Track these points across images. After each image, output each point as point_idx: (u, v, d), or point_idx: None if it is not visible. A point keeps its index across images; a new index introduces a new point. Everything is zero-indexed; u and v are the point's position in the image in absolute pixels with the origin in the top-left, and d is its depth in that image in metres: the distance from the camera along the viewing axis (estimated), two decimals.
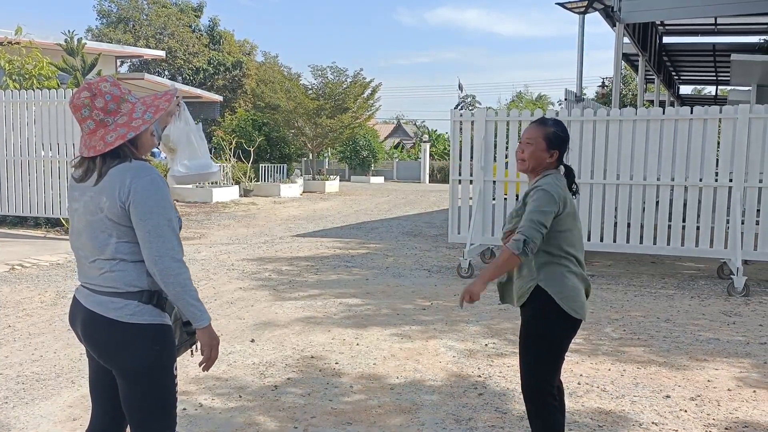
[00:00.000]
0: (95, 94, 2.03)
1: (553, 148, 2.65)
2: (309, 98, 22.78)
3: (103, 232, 2.02)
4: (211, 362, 2.14)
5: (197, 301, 2.05)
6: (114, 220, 2.00)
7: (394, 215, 14.79)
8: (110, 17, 34.93)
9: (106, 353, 2.07)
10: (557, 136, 2.66)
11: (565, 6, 10.59)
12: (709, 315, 5.75)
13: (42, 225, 10.40)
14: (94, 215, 2.03)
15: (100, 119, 2.03)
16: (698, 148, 7.23)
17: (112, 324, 2.03)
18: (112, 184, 1.99)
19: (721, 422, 3.43)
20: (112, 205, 1.98)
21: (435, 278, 7.36)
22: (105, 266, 2.04)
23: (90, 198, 2.03)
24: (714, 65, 19.31)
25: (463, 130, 8.13)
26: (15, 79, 10.87)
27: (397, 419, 3.43)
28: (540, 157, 2.65)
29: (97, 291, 2.06)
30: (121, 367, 2.06)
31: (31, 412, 3.47)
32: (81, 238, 2.08)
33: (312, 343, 4.74)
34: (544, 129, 2.67)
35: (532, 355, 2.67)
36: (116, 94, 2.06)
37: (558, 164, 2.70)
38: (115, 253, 2.02)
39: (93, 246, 2.05)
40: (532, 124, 2.74)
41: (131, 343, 2.03)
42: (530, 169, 2.70)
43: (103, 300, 2.04)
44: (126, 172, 2.00)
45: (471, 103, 53.74)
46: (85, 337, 2.11)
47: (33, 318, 5.34)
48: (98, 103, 2.03)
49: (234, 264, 8.05)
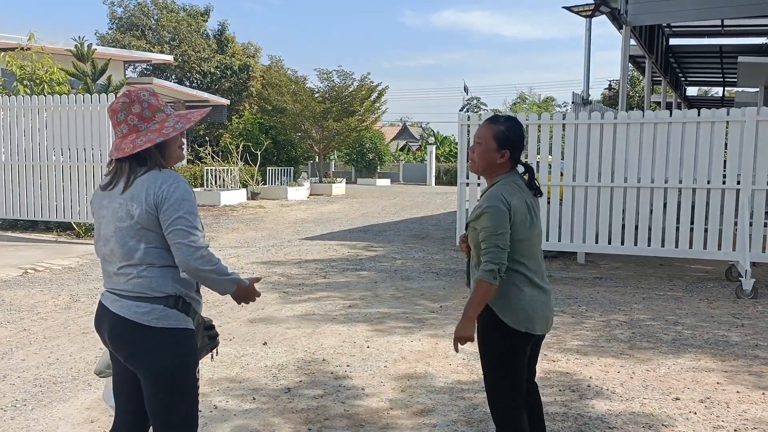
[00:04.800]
0: (133, 100, 2.13)
1: (504, 147, 2.50)
2: (316, 101, 22.88)
3: (132, 238, 2.09)
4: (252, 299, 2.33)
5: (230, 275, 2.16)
6: (144, 226, 2.07)
7: (401, 218, 14.84)
8: (121, 22, 35.16)
9: (133, 356, 2.13)
10: (507, 135, 2.50)
11: (571, 9, 10.61)
12: (718, 317, 5.77)
13: (53, 229, 10.51)
14: (123, 222, 2.09)
15: (134, 124, 2.12)
16: (706, 150, 7.25)
17: (139, 328, 2.09)
18: (142, 190, 2.07)
19: (731, 424, 3.45)
20: (143, 211, 2.06)
21: (443, 281, 7.40)
22: (132, 272, 2.10)
23: (119, 205, 2.10)
24: (721, 67, 19.27)
25: (471, 133, 8.18)
26: (26, 85, 11.00)
27: (409, 421, 3.47)
28: (490, 158, 2.51)
29: (124, 296, 2.12)
30: (147, 370, 2.12)
31: (50, 414, 3.54)
32: (108, 244, 2.14)
33: (323, 346, 4.79)
34: (494, 128, 2.52)
35: (490, 373, 2.54)
36: (153, 103, 2.15)
37: (513, 165, 2.56)
38: (144, 258, 2.09)
39: (122, 252, 2.10)
40: (483, 123, 2.59)
41: (157, 347, 2.10)
42: (481, 170, 2.57)
43: (129, 304, 2.10)
44: (157, 179, 2.09)
45: (476, 105, 53.77)
46: (112, 341, 2.16)
47: (48, 321, 5.41)
48: (135, 109, 2.13)
49: (244, 267, 8.11)
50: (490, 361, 2.54)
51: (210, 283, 2.15)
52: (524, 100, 53.50)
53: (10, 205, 10.18)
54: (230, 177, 18.58)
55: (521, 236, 2.46)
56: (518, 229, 2.45)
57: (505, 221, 2.41)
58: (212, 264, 2.10)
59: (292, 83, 23.72)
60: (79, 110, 9.70)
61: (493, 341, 2.51)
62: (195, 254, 2.06)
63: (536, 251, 2.55)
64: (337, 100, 23.30)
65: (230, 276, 2.16)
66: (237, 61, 34.58)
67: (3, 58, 11.11)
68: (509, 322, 2.45)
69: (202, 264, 2.07)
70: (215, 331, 2.35)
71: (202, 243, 2.10)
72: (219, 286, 2.17)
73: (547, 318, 2.55)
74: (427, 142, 38.31)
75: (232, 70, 34.06)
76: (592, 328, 5.35)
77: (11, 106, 10.01)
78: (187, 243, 2.05)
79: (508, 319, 2.45)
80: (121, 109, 2.13)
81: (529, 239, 2.50)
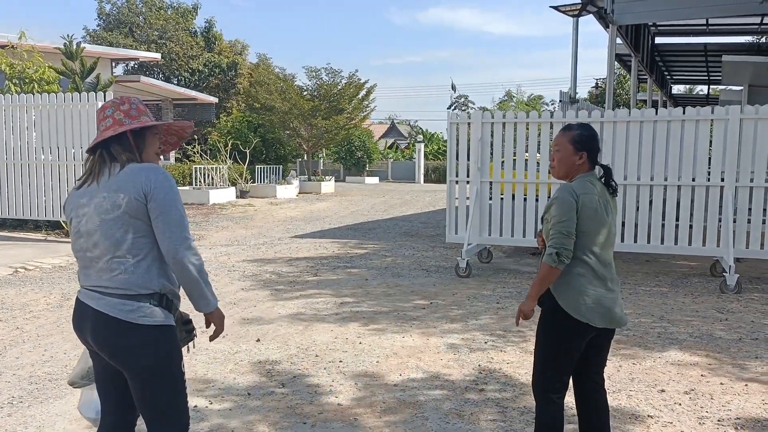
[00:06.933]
0: (123, 101, 2.27)
1: (581, 150, 2.68)
2: (304, 99, 22.88)
3: (120, 229, 2.13)
4: (218, 334, 2.36)
5: (209, 285, 2.23)
6: (132, 215, 2.12)
7: (391, 215, 14.91)
8: (109, 19, 34.90)
9: (120, 354, 2.15)
10: (582, 138, 2.70)
11: (559, 9, 10.73)
12: (702, 312, 5.89)
13: (42, 228, 10.46)
14: (109, 213, 2.13)
15: (119, 119, 2.23)
16: (690, 148, 7.38)
17: (125, 326, 2.12)
18: (129, 181, 2.14)
19: (714, 414, 3.56)
20: (132, 200, 2.12)
21: (434, 278, 7.48)
22: (119, 267, 2.13)
23: (103, 198, 2.15)
24: (706, 65, 19.52)
25: (460, 131, 8.26)
26: (15, 83, 10.93)
27: (402, 415, 3.54)
28: (569, 161, 2.70)
29: (108, 293, 2.14)
30: (135, 368, 2.15)
31: (46, 411, 3.57)
32: (92, 238, 2.16)
33: (315, 342, 4.85)
34: (569, 134, 2.72)
35: (538, 353, 2.72)
36: (141, 108, 2.29)
37: (591, 166, 2.72)
38: (131, 248, 2.13)
39: (109, 244, 2.14)
40: (558, 132, 2.80)
41: (143, 344, 2.13)
42: (563, 174, 2.74)
43: (114, 302, 2.13)
44: (141, 170, 2.16)
45: (464, 103, 53.99)
46: (97, 339, 2.17)
47: (40, 320, 5.42)
48: (123, 107, 2.25)
49: (234, 265, 8.14)
50: (543, 343, 2.69)
51: (192, 284, 2.17)
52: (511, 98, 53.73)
53: None
54: (219, 175, 18.56)
55: (589, 229, 2.60)
56: (586, 222, 2.60)
57: (571, 211, 2.57)
58: (198, 258, 2.17)
59: (281, 81, 23.71)
60: (68, 109, 9.67)
61: (549, 324, 2.66)
62: (184, 243, 2.12)
63: (606, 247, 2.68)
64: (325, 98, 23.33)
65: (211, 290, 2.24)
66: (225, 58, 34.47)
67: None
68: (568, 309, 2.59)
69: (190, 254, 2.13)
70: (192, 326, 2.42)
71: (190, 235, 2.17)
72: (200, 293, 2.19)
73: (612, 313, 2.65)
74: (416, 140, 38.45)
75: (220, 68, 33.94)
76: None
77: (0, 104, 9.95)
78: (178, 230, 2.12)
79: (567, 307, 2.60)
80: (110, 105, 2.26)
81: (597, 234, 2.63)
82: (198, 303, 2.23)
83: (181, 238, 2.12)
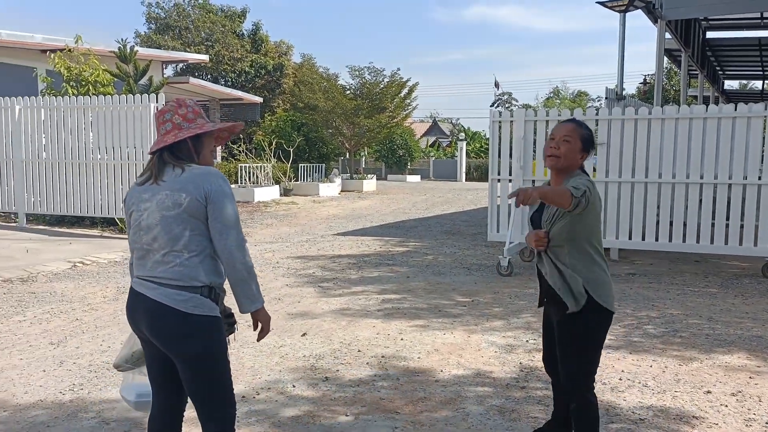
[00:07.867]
0: (180, 105, 2.42)
1: (585, 150, 2.72)
2: (347, 98, 23.08)
3: (179, 225, 2.29)
4: (265, 334, 2.47)
5: (258, 285, 2.38)
6: (191, 214, 2.28)
7: (432, 214, 14.93)
8: (158, 23, 35.95)
9: (175, 342, 2.30)
10: (591, 138, 2.73)
11: (605, 5, 10.54)
12: (753, 313, 5.74)
13: (98, 224, 10.93)
14: (170, 210, 2.29)
15: (178, 123, 2.39)
16: (742, 145, 7.18)
17: (180, 315, 2.27)
18: (191, 182, 2.29)
19: (762, 417, 3.49)
20: (193, 200, 2.27)
21: (475, 276, 7.49)
22: (175, 260, 2.29)
23: (166, 195, 2.30)
24: (760, 60, 18.81)
25: (502, 129, 8.24)
26: (73, 86, 11.42)
27: (444, 411, 3.60)
28: (574, 157, 2.70)
29: (164, 284, 2.29)
30: (186, 355, 2.30)
31: (105, 397, 3.77)
32: (152, 232, 2.32)
33: (358, 338, 4.95)
34: (581, 131, 2.72)
35: (578, 357, 2.72)
36: (197, 110, 2.44)
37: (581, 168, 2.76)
38: (188, 244, 2.29)
39: (167, 239, 2.30)
40: (567, 123, 2.76)
41: (196, 332, 2.29)
42: (563, 166, 2.70)
43: (169, 292, 2.28)
44: (204, 174, 2.32)
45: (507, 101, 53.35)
46: (151, 327, 2.32)
47: (98, 312, 5.70)
48: (181, 111, 2.40)
49: (279, 262, 8.33)
50: (582, 346, 2.72)
51: (241, 282, 2.32)
52: (558, 95, 52.83)
53: (58, 202, 10.61)
54: (263, 174, 18.92)
55: (598, 222, 2.73)
56: (598, 216, 2.71)
57: (592, 188, 2.63)
58: (250, 259, 2.33)
59: (324, 80, 23.98)
60: (123, 110, 10.05)
61: (590, 321, 2.68)
62: (238, 245, 2.30)
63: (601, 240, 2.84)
64: (368, 97, 23.47)
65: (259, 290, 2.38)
66: (270, 60, 35.04)
67: (51, 60, 11.54)
68: (607, 304, 2.67)
69: (243, 255, 2.30)
70: (234, 319, 2.56)
71: (244, 237, 2.35)
72: (248, 291, 2.33)
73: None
74: (458, 138, 38.26)
75: (266, 69, 34.54)
76: (623, 323, 5.39)
77: (59, 106, 10.43)
78: (234, 233, 2.30)
79: (607, 303, 2.67)
80: (169, 110, 2.41)
81: (600, 229, 2.77)
82: (245, 301, 2.36)
83: (235, 239, 2.29)
